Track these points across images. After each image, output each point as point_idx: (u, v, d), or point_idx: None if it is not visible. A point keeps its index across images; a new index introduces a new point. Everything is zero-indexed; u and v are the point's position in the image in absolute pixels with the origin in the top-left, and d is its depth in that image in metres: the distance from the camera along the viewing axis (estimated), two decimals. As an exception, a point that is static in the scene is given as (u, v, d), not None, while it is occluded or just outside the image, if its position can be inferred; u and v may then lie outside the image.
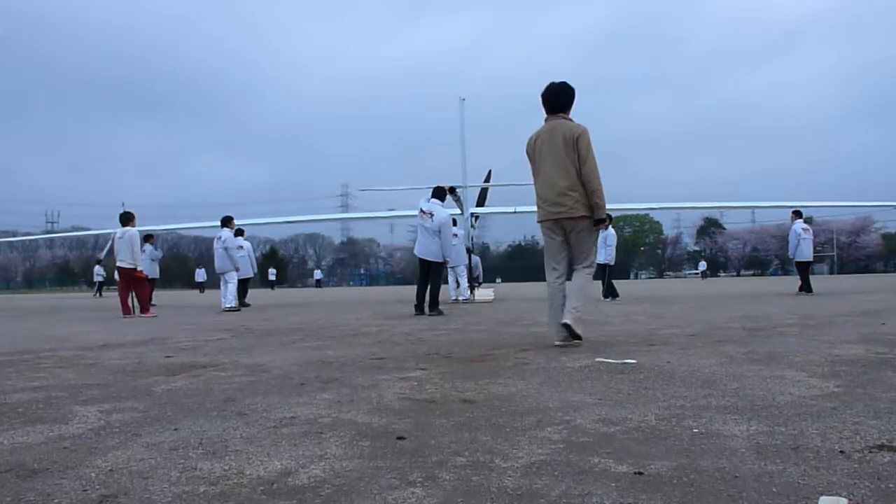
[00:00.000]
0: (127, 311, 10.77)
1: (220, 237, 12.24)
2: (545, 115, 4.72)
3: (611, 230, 13.32)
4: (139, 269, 10.76)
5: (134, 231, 10.87)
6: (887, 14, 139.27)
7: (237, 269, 12.39)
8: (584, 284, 4.67)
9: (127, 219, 10.89)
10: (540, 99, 4.71)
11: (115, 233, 11.21)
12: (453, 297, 13.87)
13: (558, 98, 4.69)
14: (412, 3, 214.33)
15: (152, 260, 16.70)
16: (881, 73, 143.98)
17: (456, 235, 14.47)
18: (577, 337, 4.44)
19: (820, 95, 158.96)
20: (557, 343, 4.48)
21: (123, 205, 11.32)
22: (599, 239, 13.40)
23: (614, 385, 2.92)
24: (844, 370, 3.17)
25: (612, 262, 13.49)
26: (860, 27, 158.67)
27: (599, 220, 4.63)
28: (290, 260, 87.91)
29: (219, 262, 12.21)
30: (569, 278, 4.69)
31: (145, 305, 10.88)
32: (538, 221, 4.75)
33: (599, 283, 13.68)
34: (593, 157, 4.54)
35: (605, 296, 12.91)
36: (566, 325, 4.37)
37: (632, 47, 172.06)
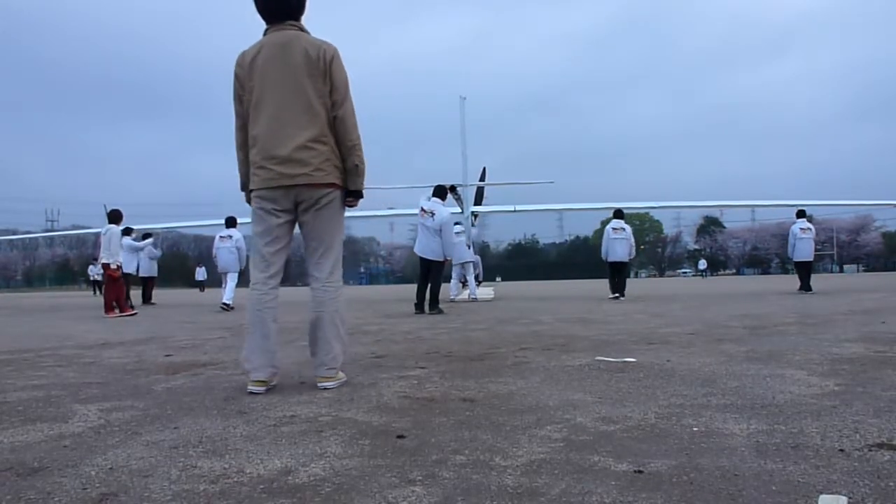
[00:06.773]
0: (125, 309, 10.75)
1: (231, 237, 12.29)
2: (265, 26, 3.02)
3: (610, 228, 13.00)
4: (113, 266, 10.72)
5: (116, 229, 10.99)
6: (886, 12, 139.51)
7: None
8: (336, 319, 3.02)
9: (113, 217, 11.12)
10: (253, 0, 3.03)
11: (101, 230, 11.45)
12: (455, 295, 13.86)
13: None
14: (406, 3, 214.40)
15: (151, 259, 16.71)
16: (881, 71, 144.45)
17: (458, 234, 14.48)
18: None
19: (819, 93, 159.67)
20: (253, 389, 2.88)
21: (105, 206, 11.46)
22: (620, 236, 12.63)
23: (614, 384, 2.92)
24: (844, 369, 3.17)
25: (629, 259, 12.94)
26: (859, 25, 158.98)
27: (358, 193, 3.15)
28: (289, 259, 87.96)
29: (224, 262, 12.27)
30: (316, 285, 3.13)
31: (109, 305, 10.63)
32: (253, 188, 3.04)
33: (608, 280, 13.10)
34: (350, 94, 3.02)
35: (614, 292, 12.59)
36: (324, 388, 2.94)
37: (630, 46, 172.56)
